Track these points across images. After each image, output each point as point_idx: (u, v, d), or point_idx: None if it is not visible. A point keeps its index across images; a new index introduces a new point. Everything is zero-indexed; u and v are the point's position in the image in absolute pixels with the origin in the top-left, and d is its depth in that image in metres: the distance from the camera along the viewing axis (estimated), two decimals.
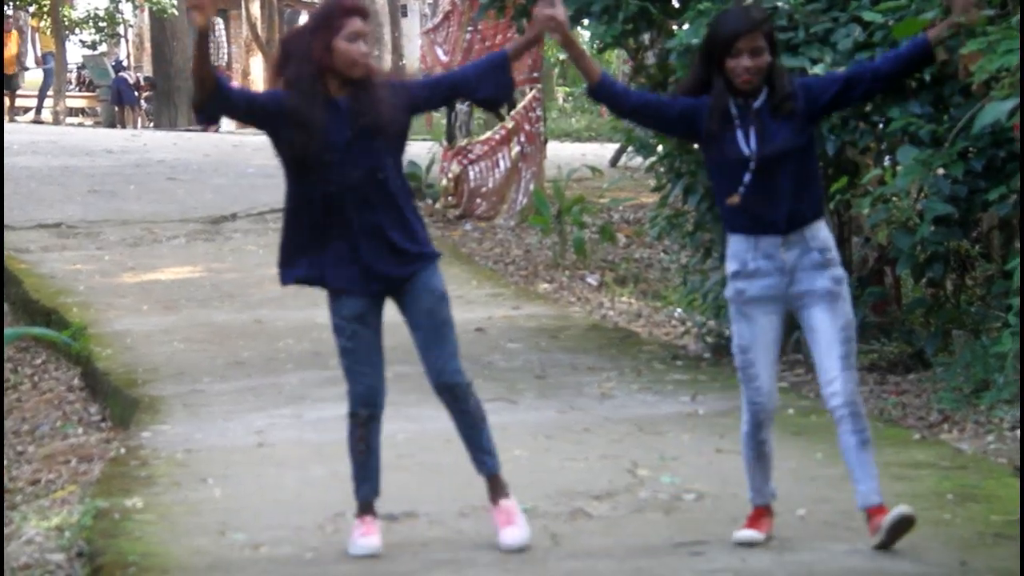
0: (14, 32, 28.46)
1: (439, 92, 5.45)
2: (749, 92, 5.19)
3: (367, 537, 5.30)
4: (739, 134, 5.19)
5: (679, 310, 10.93)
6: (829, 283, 5.21)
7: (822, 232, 5.24)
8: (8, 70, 27.82)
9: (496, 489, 5.40)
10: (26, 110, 29.17)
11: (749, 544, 5.27)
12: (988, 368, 7.49)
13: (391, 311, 5.35)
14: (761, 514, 5.38)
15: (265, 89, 5.55)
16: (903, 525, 5.13)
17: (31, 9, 28.25)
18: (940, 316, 8.41)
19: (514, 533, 5.31)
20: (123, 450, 7.08)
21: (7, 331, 8.00)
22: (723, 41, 5.15)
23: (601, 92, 5.33)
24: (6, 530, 6.03)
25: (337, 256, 5.24)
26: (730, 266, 5.28)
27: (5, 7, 27.21)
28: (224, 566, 5.24)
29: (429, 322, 5.29)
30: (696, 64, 5.30)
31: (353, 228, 5.21)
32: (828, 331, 5.19)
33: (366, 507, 5.38)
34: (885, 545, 5.15)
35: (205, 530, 5.65)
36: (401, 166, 5.34)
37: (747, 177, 5.17)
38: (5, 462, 7.53)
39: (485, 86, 5.37)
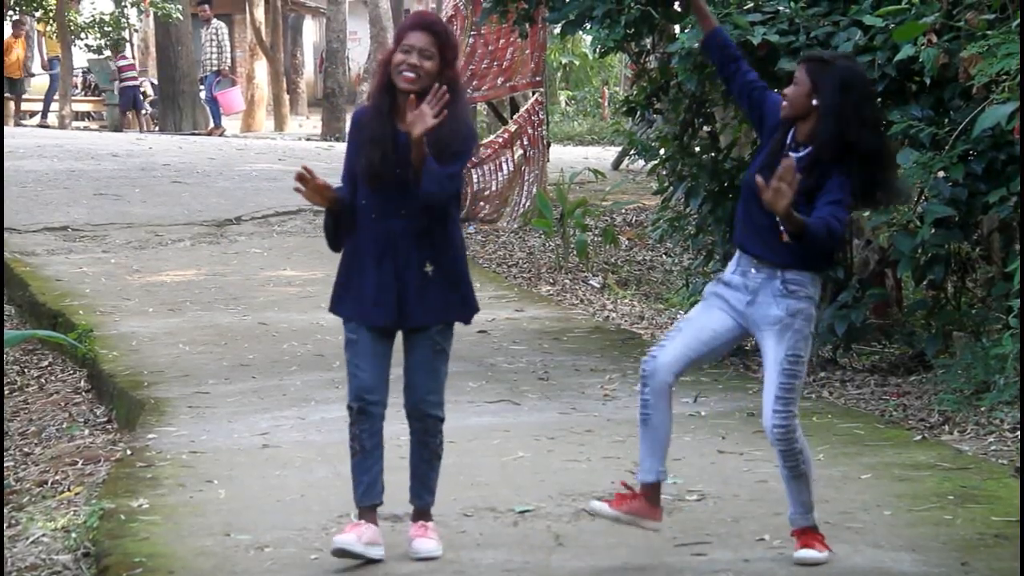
0: (22, 38, 28.45)
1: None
2: (804, 142, 5.11)
3: (341, 535, 5.22)
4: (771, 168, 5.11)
5: (681, 312, 10.96)
6: (782, 313, 5.15)
7: (793, 274, 5.18)
8: (14, 74, 27.82)
9: (422, 516, 5.37)
10: (32, 114, 29.18)
11: (599, 515, 5.20)
12: (989, 370, 7.52)
13: None
14: (647, 491, 5.20)
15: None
16: None
17: (37, 14, 28.25)
18: (941, 318, 8.43)
19: (427, 544, 5.27)
20: (129, 452, 7.11)
21: (14, 333, 8.03)
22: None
23: (713, 40, 5.39)
24: (13, 531, 6.07)
25: (371, 284, 5.22)
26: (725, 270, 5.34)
27: (8, 12, 27.22)
28: (229, 567, 5.27)
29: (424, 355, 5.29)
30: None
31: (385, 270, 5.19)
32: (771, 362, 5.17)
33: (363, 512, 5.30)
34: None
35: (210, 531, 5.68)
36: (453, 218, 5.25)
37: (759, 210, 5.09)
38: (12, 463, 7.56)
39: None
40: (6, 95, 26.84)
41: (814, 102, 5.09)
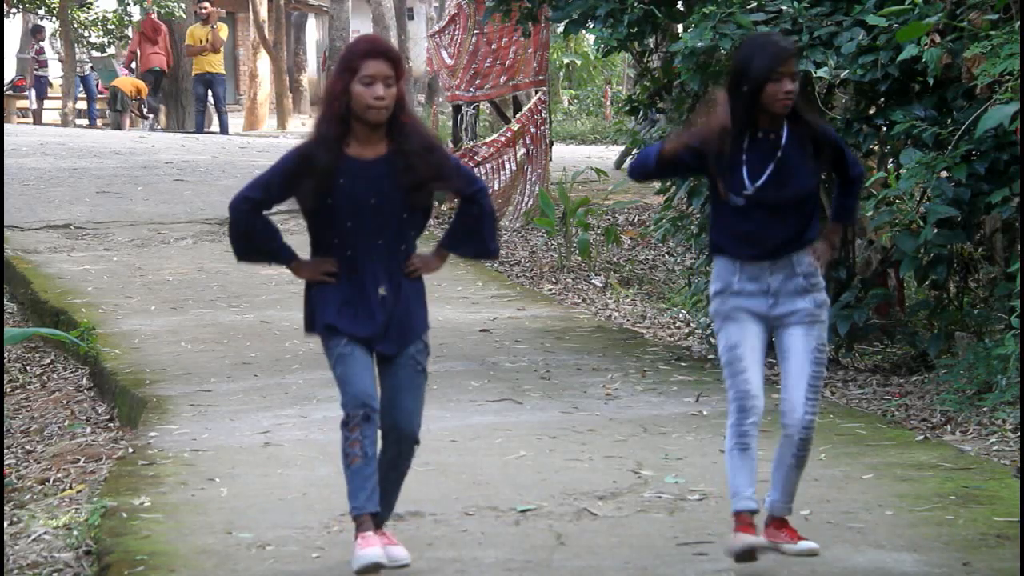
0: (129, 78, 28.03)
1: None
2: (773, 128, 5.17)
3: (364, 549, 5.04)
4: (761, 167, 5.18)
5: (683, 312, 10.96)
6: (810, 306, 5.22)
7: (808, 257, 5.25)
8: (141, 94, 27.44)
9: (380, 525, 5.24)
10: (23, 111, 29.09)
11: (752, 548, 5.15)
12: (991, 370, 7.51)
13: None
14: (748, 519, 5.22)
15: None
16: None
17: (40, 12, 28.23)
18: (943, 318, 8.43)
19: (400, 551, 5.17)
20: (131, 449, 7.12)
21: (16, 331, 8.04)
22: (766, 66, 5.11)
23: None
24: (15, 529, 6.07)
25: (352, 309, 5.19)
26: (714, 286, 5.28)
27: (12, 10, 27.20)
28: (230, 565, 5.28)
29: (407, 375, 5.22)
30: (730, 98, 5.20)
31: (368, 295, 5.14)
32: (801, 353, 5.20)
33: (362, 523, 5.11)
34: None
35: (212, 529, 5.68)
36: (415, 242, 5.24)
37: (761, 212, 5.18)
38: (14, 461, 7.57)
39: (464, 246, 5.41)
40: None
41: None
